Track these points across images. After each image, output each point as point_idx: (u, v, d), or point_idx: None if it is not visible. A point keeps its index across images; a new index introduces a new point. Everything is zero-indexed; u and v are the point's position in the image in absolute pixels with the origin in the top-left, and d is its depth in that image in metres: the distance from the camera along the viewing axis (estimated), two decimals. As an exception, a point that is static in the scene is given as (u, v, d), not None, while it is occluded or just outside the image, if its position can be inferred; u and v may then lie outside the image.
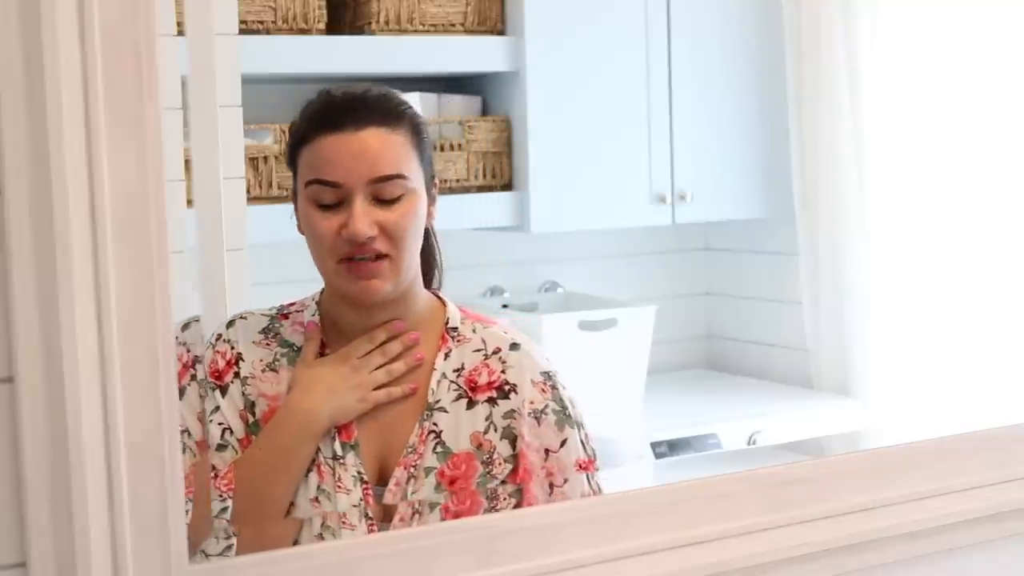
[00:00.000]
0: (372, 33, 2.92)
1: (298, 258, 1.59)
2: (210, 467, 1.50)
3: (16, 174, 0.96)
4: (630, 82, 3.16)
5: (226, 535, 1.46)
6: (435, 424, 1.53)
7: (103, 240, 0.97)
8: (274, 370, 1.54)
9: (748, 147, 3.32)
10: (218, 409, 1.52)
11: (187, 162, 1.96)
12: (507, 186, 3.09)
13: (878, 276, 3.15)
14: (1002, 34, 2.91)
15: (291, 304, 1.60)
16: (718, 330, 3.65)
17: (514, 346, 1.58)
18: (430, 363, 1.55)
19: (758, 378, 3.47)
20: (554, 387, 1.57)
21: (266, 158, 2.72)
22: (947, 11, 2.99)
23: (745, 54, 3.30)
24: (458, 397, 1.54)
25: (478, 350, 1.57)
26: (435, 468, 1.51)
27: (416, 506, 1.50)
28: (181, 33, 1.91)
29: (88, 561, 0.99)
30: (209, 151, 1.90)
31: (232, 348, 1.55)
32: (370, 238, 1.46)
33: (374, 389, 1.53)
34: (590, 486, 1.56)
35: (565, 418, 1.56)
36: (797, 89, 3.24)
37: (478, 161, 3.05)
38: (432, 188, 1.57)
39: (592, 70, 3.11)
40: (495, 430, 1.53)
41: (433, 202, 1.57)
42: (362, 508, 1.48)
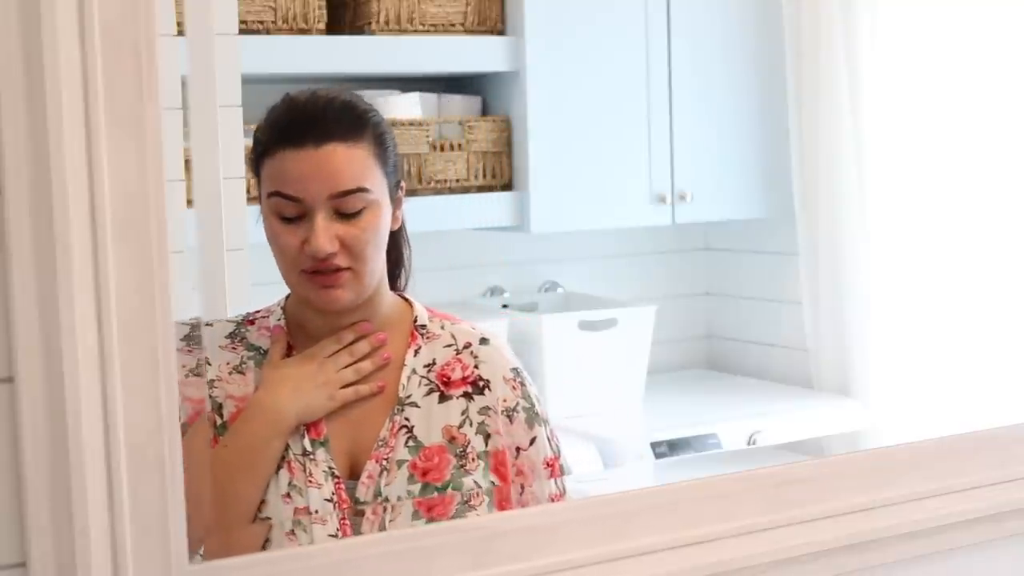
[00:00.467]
0: (372, 33, 2.92)
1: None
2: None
3: (16, 174, 0.96)
4: (630, 82, 3.16)
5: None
6: (406, 419, 1.54)
7: (103, 240, 0.97)
8: (241, 372, 1.54)
9: (748, 147, 3.32)
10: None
11: (187, 162, 1.96)
12: (507, 186, 3.09)
13: (878, 276, 3.15)
14: (1002, 34, 2.91)
15: (257, 311, 1.62)
16: (718, 330, 3.65)
17: (484, 341, 1.61)
18: (400, 360, 1.57)
19: (758, 378, 3.47)
20: (523, 383, 1.60)
21: (266, 158, 2.72)
22: (947, 11, 2.99)
23: (745, 54, 3.30)
24: (429, 392, 1.56)
25: (448, 345, 1.59)
26: (407, 461, 1.52)
27: (386, 500, 1.50)
28: (181, 33, 1.91)
29: (88, 561, 0.99)
30: (209, 151, 1.90)
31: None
32: (331, 254, 1.48)
33: (342, 387, 1.53)
34: (556, 487, 1.59)
35: (534, 416, 1.59)
36: (797, 89, 3.24)
37: (478, 161, 3.05)
38: (398, 192, 1.57)
39: (592, 70, 3.11)
40: (470, 424, 1.55)
41: (399, 206, 1.58)
42: (335, 502, 1.49)
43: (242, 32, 2.38)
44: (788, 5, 3.23)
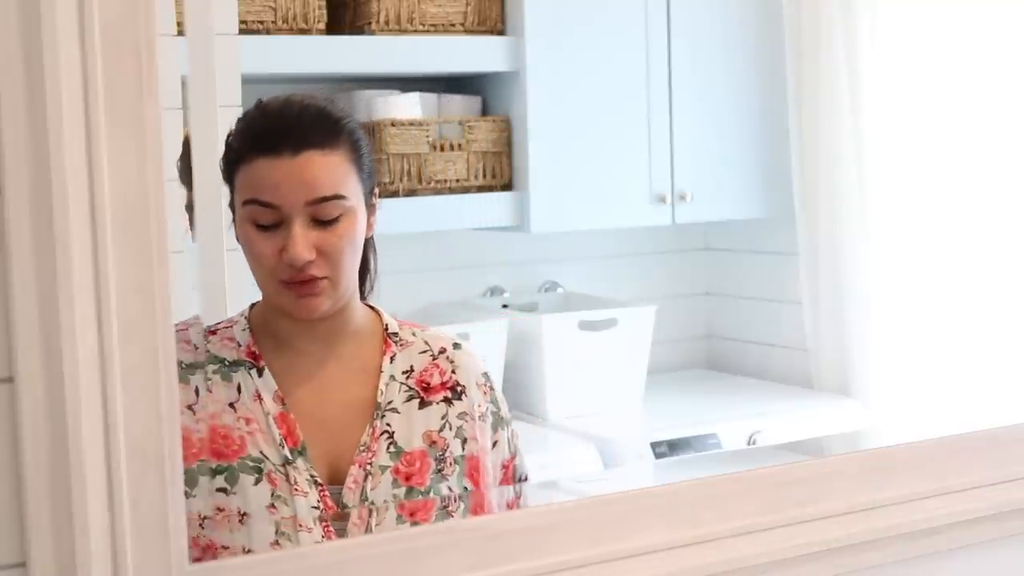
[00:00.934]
0: (372, 33, 2.92)
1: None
2: None
3: (16, 174, 0.96)
4: (630, 82, 3.16)
5: None
6: (388, 424, 1.54)
7: (103, 240, 0.97)
8: (208, 390, 1.52)
9: (748, 147, 3.32)
10: None
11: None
12: (507, 186, 3.09)
13: (878, 276, 3.15)
14: (1002, 34, 2.91)
15: (218, 323, 1.60)
16: (718, 330, 3.65)
17: (456, 345, 1.62)
18: (376, 367, 1.57)
19: (758, 378, 3.47)
20: (491, 387, 1.63)
21: (266, 158, 2.72)
22: (947, 11, 2.99)
23: (745, 54, 3.30)
24: (409, 398, 1.56)
25: (424, 351, 1.60)
26: (389, 466, 1.52)
27: (372, 505, 1.50)
28: (181, 33, 1.91)
29: (88, 561, 0.99)
30: (209, 151, 1.90)
31: None
32: (309, 262, 1.47)
33: None
34: (516, 479, 1.63)
35: (499, 420, 1.61)
36: (797, 89, 3.24)
37: (478, 161, 3.05)
38: (372, 198, 1.57)
39: (592, 70, 3.11)
40: (450, 429, 1.56)
41: (373, 212, 1.57)
42: (321, 509, 1.48)
43: (242, 32, 2.38)
44: (788, 5, 3.23)
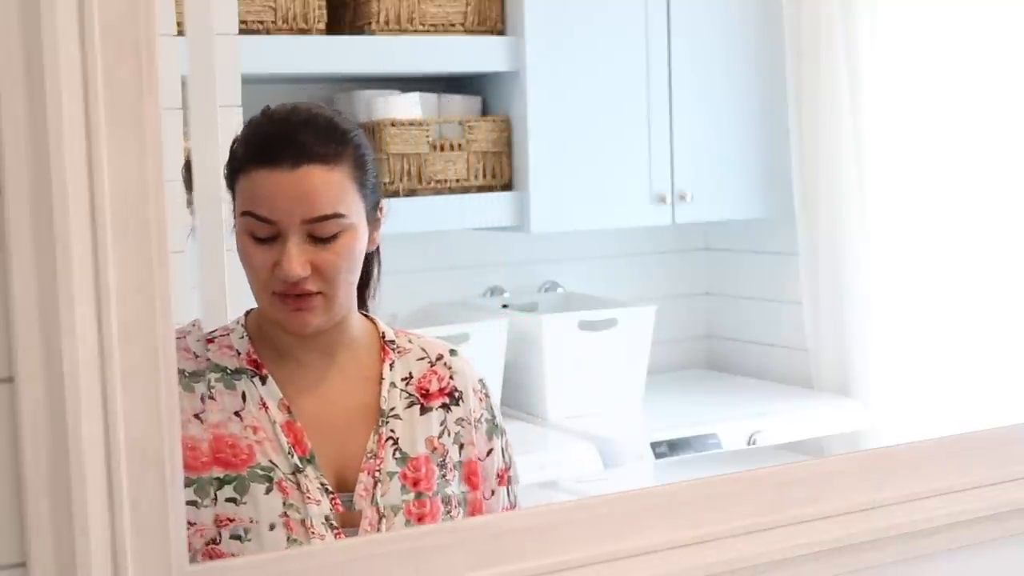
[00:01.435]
0: (372, 33, 2.92)
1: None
2: None
3: (16, 174, 0.96)
4: (630, 82, 3.16)
5: None
6: (392, 431, 1.54)
7: (103, 240, 0.97)
8: (212, 398, 1.51)
9: (748, 147, 3.32)
10: None
11: (188, 161, 1.96)
12: (507, 186, 3.09)
13: (878, 276, 3.15)
14: (1002, 34, 2.91)
15: (214, 330, 1.58)
16: (718, 330, 3.65)
17: (453, 352, 1.62)
18: (376, 375, 1.56)
19: (758, 378, 3.47)
20: (487, 394, 1.62)
21: (266, 158, 2.72)
22: (947, 11, 2.99)
23: (745, 54, 3.30)
24: (410, 404, 1.56)
25: (422, 358, 1.59)
26: (397, 472, 1.52)
27: (382, 510, 1.50)
28: (181, 33, 1.91)
29: (88, 561, 0.99)
30: (209, 151, 1.90)
31: None
32: (303, 278, 1.45)
33: None
34: (509, 499, 1.61)
35: (494, 427, 1.61)
36: (797, 89, 3.24)
37: (478, 161, 3.05)
38: (376, 214, 1.54)
39: (592, 70, 3.11)
40: (448, 435, 1.56)
41: (377, 228, 1.55)
42: (332, 516, 1.48)
43: (242, 32, 2.38)
44: (788, 5, 3.23)
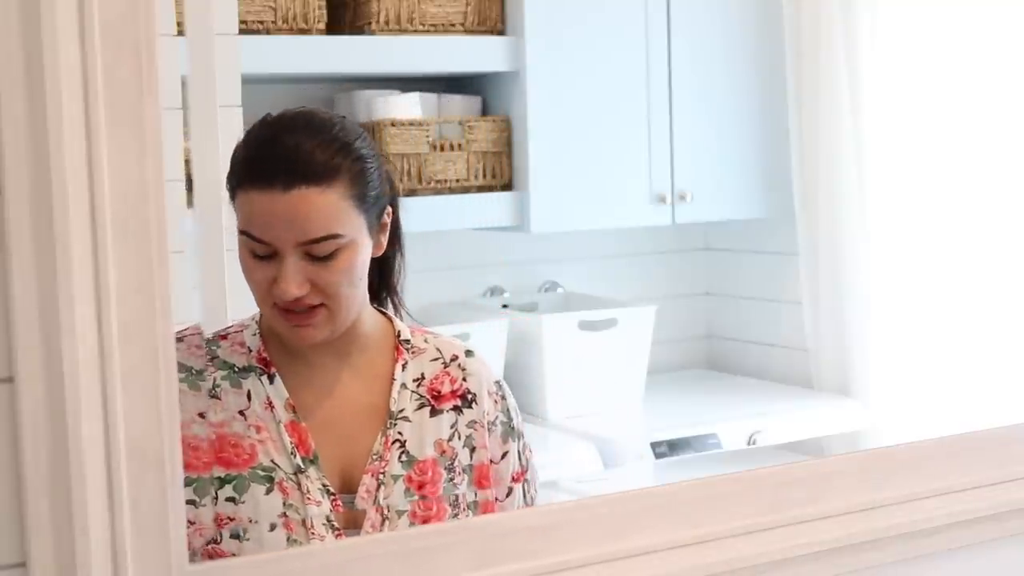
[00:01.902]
0: (372, 33, 2.92)
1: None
2: None
3: (16, 174, 0.96)
4: (630, 82, 3.16)
5: None
6: (399, 433, 1.52)
7: (103, 240, 0.97)
8: (216, 397, 1.51)
9: (748, 147, 3.32)
10: None
11: (187, 162, 1.96)
12: (507, 186, 3.09)
13: (878, 276, 3.15)
14: (1002, 34, 2.91)
15: (229, 326, 1.58)
16: (718, 330, 3.65)
17: (469, 353, 1.60)
18: (388, 375, 1.55)
19: (758, 378, 3.47)
20: (503, 397, 1.60)
21: (266, 158, 2.71)
22: (947, 11, 2.99)
23: (745, 54, 3.29)
24: (420, 406, 1.54)
25: (436, 359, 1.58)
26: (402, 475, 1.51)
27: (385, 512, 1.49)
28: (181, 33, 1.91)
29: (88, 561, 0.99)
30: (209, 151, 1.90)
31: None
32: (300, 297, 1.43)
33: None
34: (525, 500, 1.60)
35: (510, 430, 1.59)
36: (797, 89, 3.24)
37: (478, 161, 3.05)
38: (381, 219, 1.51)
39: (592, 70, 3.11)
40: (459, 438, 1.55)
41: (384, 231, 1.52)
42: (334, 517, 1.47)
43: (242, 32, 2.38)
44: (788, 5, 3.23)
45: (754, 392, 3.35)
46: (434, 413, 1.54)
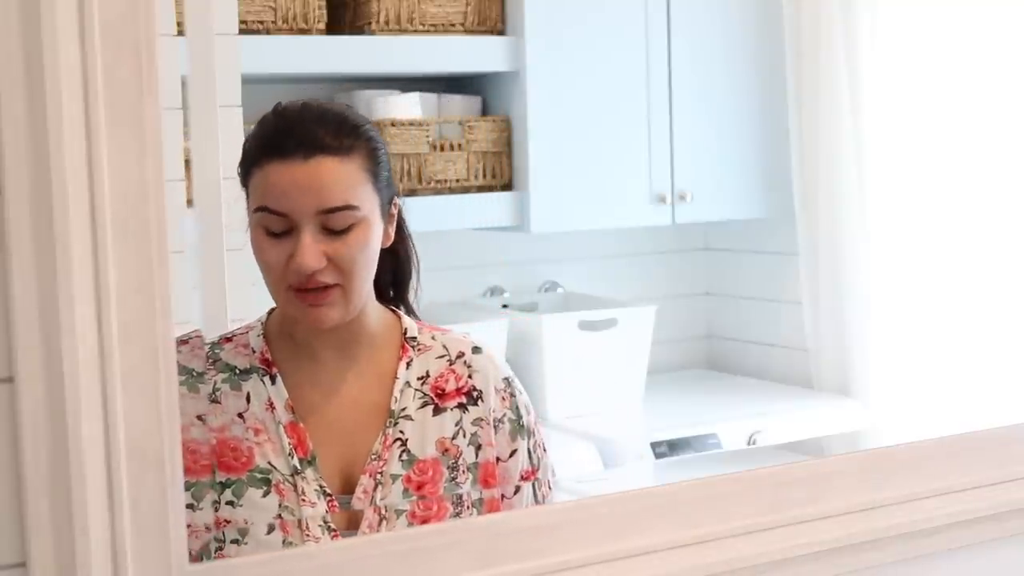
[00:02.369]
0: (372, 33, 2.92)
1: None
2: None
3: (16, 174, 0.96)
4: (630, 82, 3.16)
5: None
6: (401, 432, 1.52)
7: (103, 240, 0.97)
8: (216, 401, 1.50)
9: (748, 147, 3.32)
10: None
11: (187, 162, 1.96)
12: (507, 186, 3.09)
13: (878, 276, 3.15)
14: (1002, 34, 2.91)
15: (236, 328, 1.57)
16: (718, 330, 3.65)
17: (476, 349, 1.59)
18: (391, 372, 1.54)
19: (758, 378, 3.47)
20: (512, 394, 1.58)
21: (266, 158, 2.72)
22: (947, 11, 2.99)
23: (745, 54, 3.30)
24: (424, 404, 1.53)
25: (441, 356, 1.57)
26: (401, 475, 1.50)
27: (383, 512, 1.48)
28: (181, 33, 1.91)
29: (88, 561, 0.99)
30: (209, 151, 1.90)
31: None
32: (317, 271, 1.43)
33: None
34: (536, 499, 1.58)
35: (519, 428, 1.57)
36: (797, 89, 3.24)
37: (478, 161, 3.05)
38: (391, 208, 1.53)
39: (592, 70, 3.11)
40: (463, 436, 1.53)
41: (392, 222, 1.53)
42: (330, 518, 1.46)
43: (242, 32, 2.38)
44: (788, 5, 3.23)
45: (754, 392, 3.35)
46: (437, 411, 1.54)
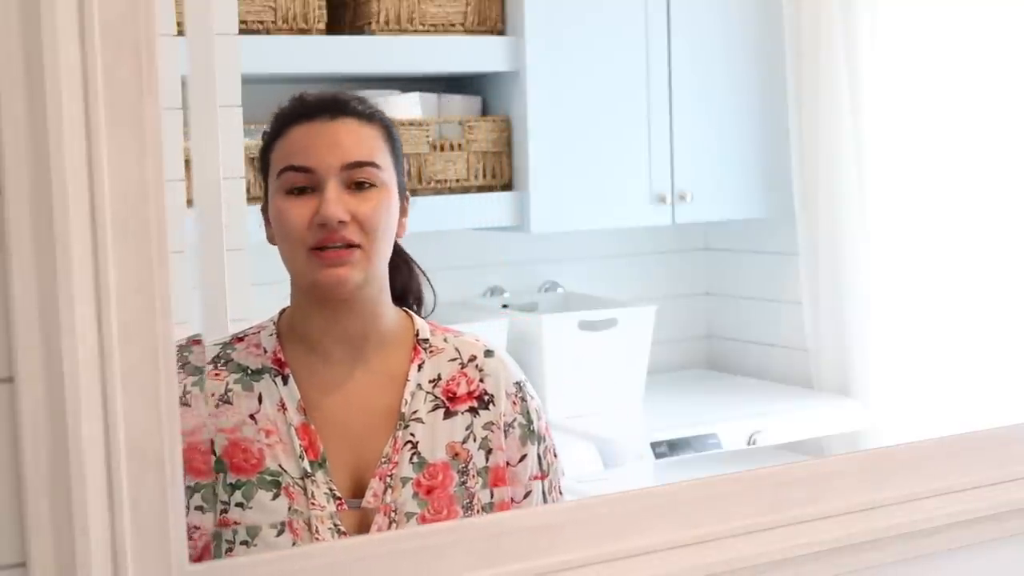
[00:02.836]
0: (372, 33, 2.92)
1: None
2: None
3: (16, 174, 0.96)
4: (630, 82, 3.16)
5: None
6: (411, 435, 1.51)
7: (103, 240, 0.97)
8: (228, 402, 1.49)
9: (748, 147, 3.32)
10: None
11: (187, 162, 1.96)
12: (507, 186, 3.09)
13: (878, 276, 3.15)
14: (1002, 34, 2.91)
15: (248, 328, 1.57)
16: (718, 330, 3.65)
17: (488, 353, 1.58)
18: (403, 375, 1.53)
19: (758, 378, 3.47)
20: (523, 399, 1.58)
21: (266, 158, 2.72)
22: (947, 11, 2.99)
23: (745, 54, 3.30)
24: (435, 407, 1.53)
25: (454, 359, 1.56)
26: (411, 478, 1.49)
27: (393, 516, 1.48)
28: (181, 33, 1.91)
29: (88, 561, 0.99)
30: (209, 151, 1.90)
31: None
32: (342, 223, 1.44)
33: None
34: (546, 502, 1.57)
35: (529, 433, 1.57)
36: (797, 89, 3.24)
37: (478, 161, 3.05)
38: (404, 200, 1.55)
39: (592, 70, 3.11)
40: (474, 440, 1.53)
41: (405, 214, 1.56)
42: (340, 522, 1.46)
43: (242, 32, 2.38)
44: (788, 5, 3.23)
45: (754, 392, 3.35)
46: (448, 415, 1.53)
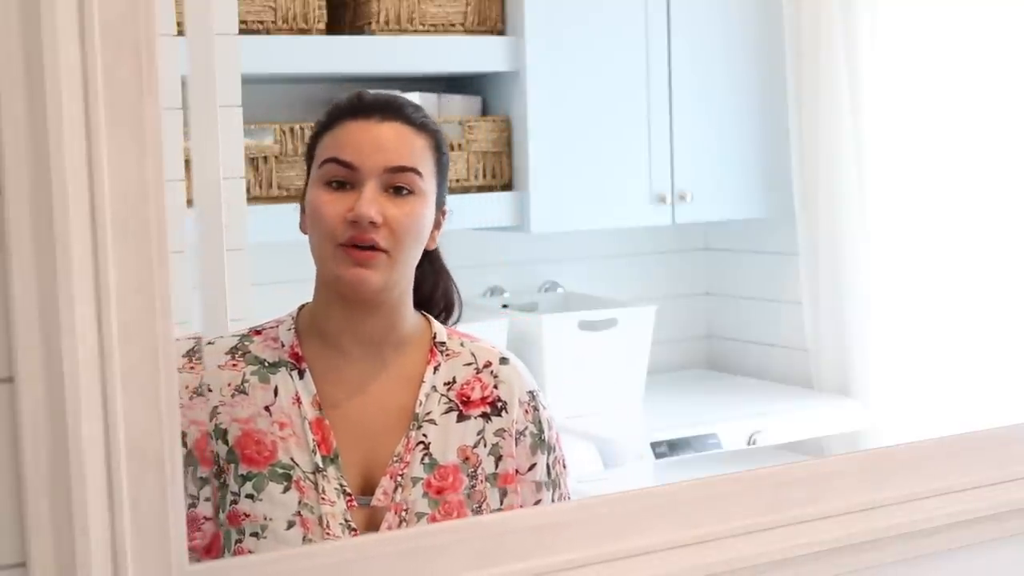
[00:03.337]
0: (372, 33, 2.92)
1: (298, 258, 1.58)
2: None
3: (16, 174, 0.96)
4: (630, 82, 3.16)
5: None
6: (424, 435, 1.52)
7: (103, 240, 0.97)
8: (243, 392, 1.50)
9: (748, 147, 3.32)
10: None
11: (187, 162, 1.96)
12: (507, 186, 3.09)
13: (878, 276, 3.15)
14: (1002, 34, 2.91)
15: (267, 321, 1.58)
16: (718, 330, 3.65)
17: (504, 360, 1.59)
18: (418, 376, 1.54)
19: (758, 378, 3.47)
20: (535, 408, 1.59)
21: (266, 158, 2.72)
22: (947, 11, 2.99)
23: (745, 54, 3.30)
24: (448, 410, 1.54)
25: (469, 364, 1.57)
26: (422, 479, 1.50)
27: (404, 515, 1.48)
28: (181, 33, 1.91)
29: (88, 561, 0.99)
30: (209, 151, 1.90)
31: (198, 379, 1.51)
32: (373, 224, 1.45)
33: None
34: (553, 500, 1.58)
35: (539, 442, 1.58)
36: (797, 89, 3.24)
37: (478, 161, 3.05)
38: (440, 214, 1.56)
39: (592, 70, 3.11)
40: (484, 445, 1.54)
41: (438, 227, 1.57)
42: (351, 518, 1.46)
43: (242, 32, 2.38)
44: (788, 5, 3.23)
45: (754, 392, 3.35)
46: (461, 418, 1.53)
